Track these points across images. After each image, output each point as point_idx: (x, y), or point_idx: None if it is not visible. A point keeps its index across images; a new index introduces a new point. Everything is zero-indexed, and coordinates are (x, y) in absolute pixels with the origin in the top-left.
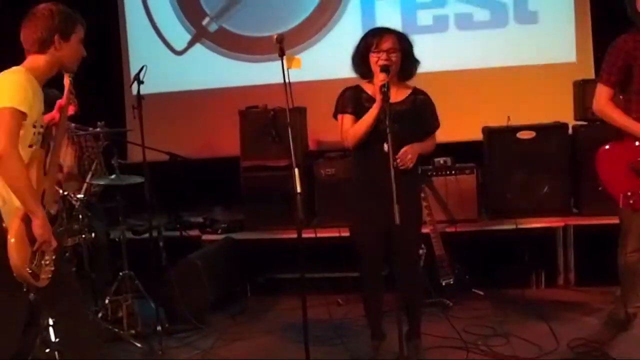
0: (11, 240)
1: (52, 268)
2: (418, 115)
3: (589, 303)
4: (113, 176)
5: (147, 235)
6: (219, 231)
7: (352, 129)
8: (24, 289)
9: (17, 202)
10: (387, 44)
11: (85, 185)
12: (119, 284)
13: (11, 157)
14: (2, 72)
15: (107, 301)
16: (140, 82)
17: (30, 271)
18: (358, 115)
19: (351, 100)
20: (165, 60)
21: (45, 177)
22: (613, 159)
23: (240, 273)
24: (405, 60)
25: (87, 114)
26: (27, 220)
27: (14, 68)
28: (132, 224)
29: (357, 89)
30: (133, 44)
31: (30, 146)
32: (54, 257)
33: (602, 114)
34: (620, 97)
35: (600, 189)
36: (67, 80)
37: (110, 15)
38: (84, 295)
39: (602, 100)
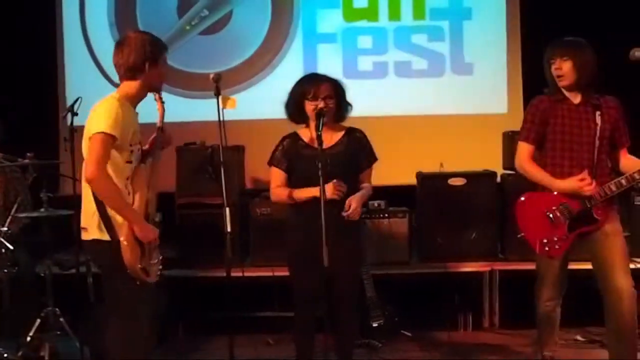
0: (123, 242)
1: (160, 266)
2: (353, 153)
3: (510, 346)
4: (42, 209)
5: (74, 270)
6: None
7: (278, 192)
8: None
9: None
10: (324, 92)
11: (9, 218)
12: (42, 320)
13: (100, 179)
14: (100, 101)
15: (28, 339)
16: (74, 114)
17: (141, 267)
18: (293, 164)
19: (287, 152)
20: (103, 92)
21: (148, 189)
22: (530, 207)
23: (173, 311)
24: (339, 105)
25: (19, 144)
26: None
27: (109, 96)
28: (59, 259)
29: (294, 138)
30: (70, 73)
31: (129, 162)
32: (160, 257)
33: (523, 170)
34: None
35: (519, 236)
36: (159, 105)
37: (48, 43)
38: (4, 332)
39: (523, 157)
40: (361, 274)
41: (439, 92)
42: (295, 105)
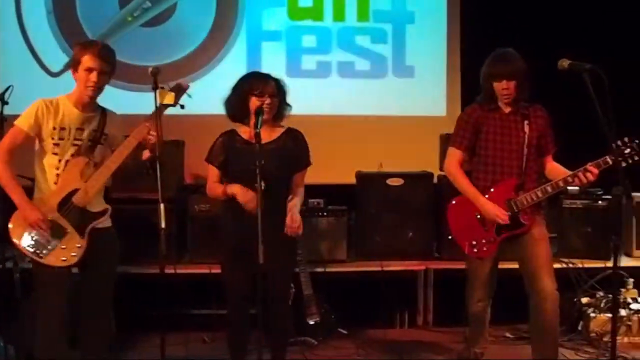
0: (9, 224)
1: (74, 253)
2: (289, 151)
3: (443, 343)
4: None
5: None
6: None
7: (212, 187)
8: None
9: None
10: (270, 89)
11: None
12: None
13: None
14: None
15: None
16: (4, 103)
17: (30, 249)
18: (229, 159)
19: (222, 149)
20: (38, 81)
21: (83, 181)
22: (461, 210)
23: None
24: (280, 104)
25: None
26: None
27: None
28: None
29: (231, 134)
30: (3, 61)
31: (55, 153)
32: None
33: (451, 175)
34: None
35: (450, 237)
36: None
37: None
38: None
39: (452, 162)
40: (298, 272)
41: (380, 93)
42: (239, 101)
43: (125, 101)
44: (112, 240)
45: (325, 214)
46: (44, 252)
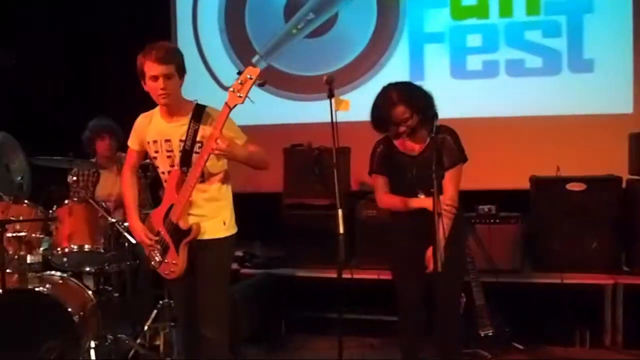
0: None
1: (170, 270)
2: (439, 157)
3: None
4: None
5: None
6: (258, 266)
7: (388, 199)
8: None
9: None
10: (399, 115)
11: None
12: (158, 312)
13: (122, 179)
14: None
15: (145, 328)
16: None
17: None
18: (391, 172)
19: (384, 158)
20: (213, 95)
21: (177, 193)
22: None
23: (276, 309)
24: (418, 113)
25: None
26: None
27: None
28: None
29: (388, 143)
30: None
31: (158, 168)
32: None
33: None
34: None
35: None
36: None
37: None
38: (124, 320)
39: None
40: (469, 281)
41: (554, 91)
42: (380, 126)
43: (289, 111)
44: (214, 251)
45: (497, 220)
46: (155, 265)
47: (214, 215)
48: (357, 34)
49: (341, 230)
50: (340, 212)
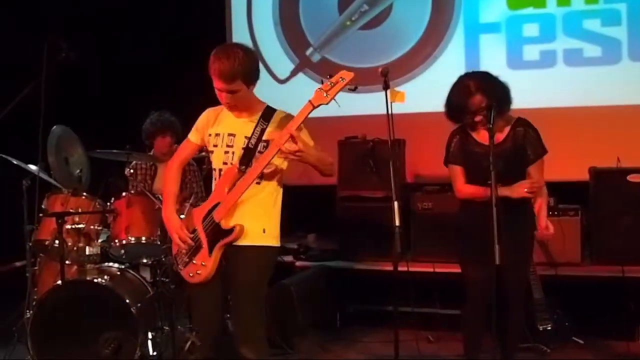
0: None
1: (198, 271)
2: (520, 147)
3: None
4: None
5: None
6: (312, 259)
7: (468, 189)
8: None
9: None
10: (477, 105)
11: (187, 208)
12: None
13: (166, 170)
14: None
15: None
16: None
17: (176, 257)
18: (467, 162)
19: (460, 148)
20: (268, 88)
21: (226, 194)
22: None
23: (331, 302)
24: (498, 106)
25: None
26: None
27: None
28: None
29: (463, 133)
30: None
31: (225, 163)
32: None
33: None
34: None
35: None
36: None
37: (217, 41)
38: (184, 313)
39: None
40: (528, 275)
41: (614, 80)
42: (457, 107)
43: (346, 103)
44: (251, 259)
45: (556, 213)
46: (180, 265)
47: (255, 220)
48: (411, 25)
49: (397, 223)
50: (396, 204)
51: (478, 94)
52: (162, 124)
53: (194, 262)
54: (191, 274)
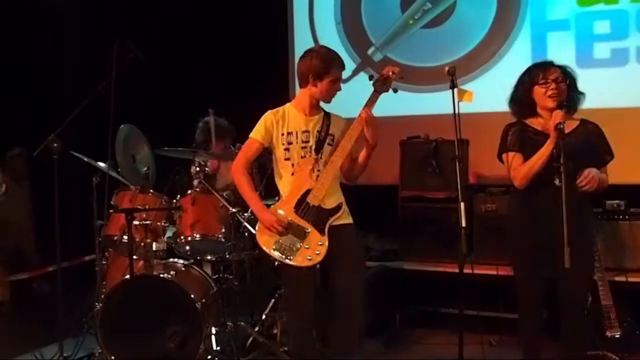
0: (257, 228)
1: (318, 252)
2: (589, 146)
3: None
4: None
5: None
6: (373, 259)
7: (524, 166)
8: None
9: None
10: (554, 74)
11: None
12: (275, 301)
13: (235, 173)
14: None
15: (263, 316)
16: None
17: (275, 249)
18: (525, 151)
19: (517, 137)
20: None
21: (315, 180)
22: None
23: (391, 302)
24: (570, 92)
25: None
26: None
27: None
28: None
29: (521, 125)
30: None
31: (287, 159)
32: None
33: None
34: None
35: None
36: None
37: (279, 42)
38: (243, 308)
39: None
40: (596, 280)
41: None
42: (524, 94)
43: (406, 102)
44: (352, 236)
45: (627, 217)
46: (290, 256)
47: (340, 199)
48: (475, 23)
49: (463, 224)
50: (462, 205)
51: (555, 68)
52: (219, 130)
53: (307, 246)
54: (309, 257)
